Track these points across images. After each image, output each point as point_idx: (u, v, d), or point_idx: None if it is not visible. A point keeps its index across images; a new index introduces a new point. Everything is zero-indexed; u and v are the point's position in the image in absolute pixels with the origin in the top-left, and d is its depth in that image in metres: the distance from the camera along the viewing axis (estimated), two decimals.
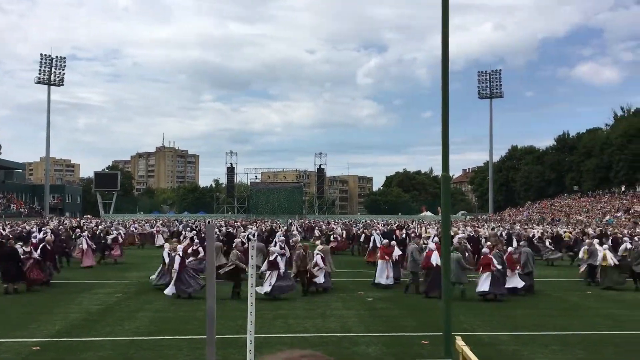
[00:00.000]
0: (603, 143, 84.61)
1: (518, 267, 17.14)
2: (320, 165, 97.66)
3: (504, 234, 33.92)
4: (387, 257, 18.52)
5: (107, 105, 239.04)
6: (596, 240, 21.56)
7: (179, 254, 16.50)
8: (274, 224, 46.60)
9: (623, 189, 78.50)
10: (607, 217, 65.79)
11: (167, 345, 10.61)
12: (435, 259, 15.78)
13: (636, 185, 76.95)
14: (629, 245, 19.70)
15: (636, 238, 28.66)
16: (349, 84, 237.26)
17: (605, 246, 19.59)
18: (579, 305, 15.57)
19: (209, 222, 45.89)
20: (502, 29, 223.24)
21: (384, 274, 18.27)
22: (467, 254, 20.86)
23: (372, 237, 26.69)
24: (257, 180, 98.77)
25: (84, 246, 24.67)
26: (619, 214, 67.11)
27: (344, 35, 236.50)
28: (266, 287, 15.80)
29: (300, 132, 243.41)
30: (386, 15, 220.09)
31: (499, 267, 16.11)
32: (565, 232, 34.12)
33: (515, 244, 22.77)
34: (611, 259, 18.40)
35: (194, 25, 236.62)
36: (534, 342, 11.05)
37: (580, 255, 20.69)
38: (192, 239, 24.60)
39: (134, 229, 40.78)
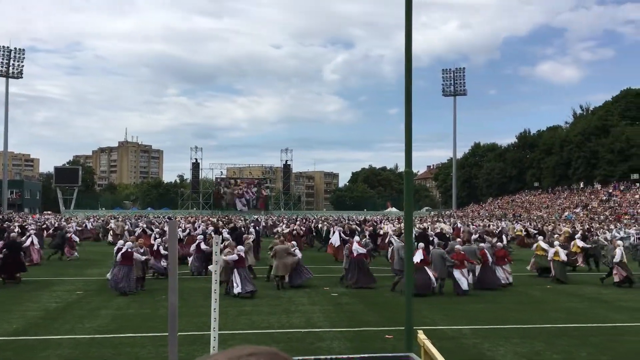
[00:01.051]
0: (562, 140, 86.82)
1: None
2: (286, 161, 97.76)
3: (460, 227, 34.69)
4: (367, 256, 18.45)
5: (67, 98, 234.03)
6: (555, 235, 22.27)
7: (121, 248, 16.22)
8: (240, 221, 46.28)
9: (581, 185, 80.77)
10: (566, 213, 67.57)
11: (129, 343, 10.44)
12: (418, 257, 15.86)
13: (594, 182, 79.23)
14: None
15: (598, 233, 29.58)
16: (315, 79, 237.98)
17: (557, 242, 20.60)
18: (538, 299, 15.96)
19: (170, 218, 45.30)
20: (467, 27, 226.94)
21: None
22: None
23: (335, 234, 26.84)
24: (222, 176, 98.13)
25: (30, 242, 23.80)
26: (577, 210, 68.99)
27: (310, 30, 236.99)
28: (237, 288, 15.50)
29: (266, 127, 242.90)
30: (353, 12, 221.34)
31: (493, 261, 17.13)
32: (517, 230, 35.01)
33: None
34: (563, 255, 19.19)
35: (158, 18, 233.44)
36: (494, 335, 11.28)
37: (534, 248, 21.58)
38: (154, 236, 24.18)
39: (92, 225, 40.12)
